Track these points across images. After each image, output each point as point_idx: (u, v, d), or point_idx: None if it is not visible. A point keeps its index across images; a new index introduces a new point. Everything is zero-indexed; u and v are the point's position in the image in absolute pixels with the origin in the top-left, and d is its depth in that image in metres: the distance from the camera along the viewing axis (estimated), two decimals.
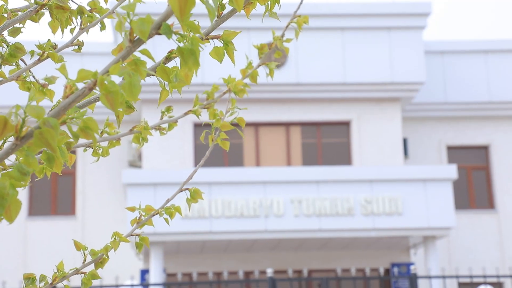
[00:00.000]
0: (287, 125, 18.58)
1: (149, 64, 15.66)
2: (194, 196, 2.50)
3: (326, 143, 18.60)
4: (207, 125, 17.95)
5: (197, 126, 18.23)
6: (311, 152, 18.50)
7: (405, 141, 19.18)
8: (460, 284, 18.58)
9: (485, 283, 11.74)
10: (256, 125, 18.45)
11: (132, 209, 2.31)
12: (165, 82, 1.48)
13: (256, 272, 11.83)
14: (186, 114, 2.80)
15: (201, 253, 17.52)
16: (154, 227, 14.66)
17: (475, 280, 17.72)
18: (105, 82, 1.17)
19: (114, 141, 2.38)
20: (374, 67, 18.16)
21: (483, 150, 20.13)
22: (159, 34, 1.26)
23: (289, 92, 18.22)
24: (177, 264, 17.46)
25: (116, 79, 1.31)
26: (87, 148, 2.37)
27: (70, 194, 19.16)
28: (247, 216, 15.54)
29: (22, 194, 18.83)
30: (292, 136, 18.55)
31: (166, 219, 2.29)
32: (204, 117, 16.71)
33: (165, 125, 2.58)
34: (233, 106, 2.80)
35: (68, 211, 19.05)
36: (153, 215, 2.25)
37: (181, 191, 2.52)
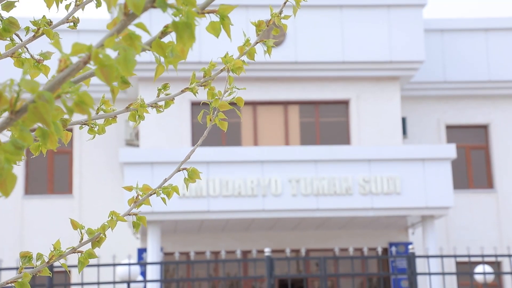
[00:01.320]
0: (285, 104, 18.48)
1: (145, 39, 15.45)
2: (192, 176, 2.44)
3: (325, 122, 18.51)
4: (205, 104, 17.81)
5: (195, 105, 18.12)
6: (309, 131, 18.41)
7: (404, 120, 19.10)
8: (458, 264, 18.58)
9: (483, 263, 11.70)
10: (254, 104, 18.34)
11: (129, 189, 2.30)
12: (161, 57, 1.43)
13: (254, 251, 11.79)
14: (182, 91, 2.73)
15: (198, 232, 17.48)
16: (152, 207, 14.61)
17: (473, 259, 17.72)
18: (100, 55, 1.16)
19: (110, 118, 2.36)
20: (373, 46, 18.02)
21: (482, 129, 20.05)
22: (155, 7, 1.24)
23: (288, 71, 18.10)
24: (175, 243, 17.42)
25: (111, 53, 1.25)
26: (83, 126, 2.35)
27: (67, 173, 19.08)
28: (245, 196, 15.49)
29: (19, 173, 18.74)
30: (290, 115, 18.45)
31: (163, 199, 2.27)
32: (202, 95, 16.60)
33: (162, 103, 2.53)
34: (232, 86, 2.72)
35: (65, 190, 18.98)
36: (151, 195, 2.23)
37: (179, 170, 2.45)
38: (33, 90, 1.14)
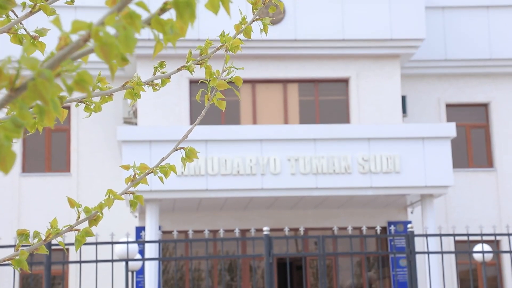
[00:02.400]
0: (285, 82, 18.38)
1: (144, 15, 15.35)
2: (189, 155, 2.39)
3: (324, 101, 18.42)
4: (203, 83, 17.70)
5: (193, 83, 18.02)
6: (309, 110, 18.33)
7: (403, 98, 19.00)
8: (456, 243, 18.57)
9: (482, 242, 11.67)
10: (252, 82, 18.24)
11: (126, 167, 2.25)
12: (160, 33, 1.38)
13: (252, 230, 11.75)
14: (179, 69, 2.67)
15: (197, 211, 17.45)
16: (149, 186, 14.57)
17: (472, 238, 17.71)
18: (100, 33, 1.17)
19: (106, 96, 2.36)
20: (374, 23, 17.89)
21: (483, 108, 19.97)
22: None
23: (287, 49, 17.98)
24: (173, 221, 17.39)
25: (110, 30, 1.20)
26: (79, 103, 2.35)
27: (65, 151, 19.01)
28: (244, 174, 15.43)
29: (16, 150, 18.66)
30: (289, 93, 18.36)
31: (160, 178, 2.28)
32: (201, 73, 16.50)
33: (158, 81, 2.50)
34: (230, 66, 2.67)
35: (62, 168, 18.91)
36: (148, 174, 2.22)
37: (176, 149, 2.41)
38: (33, 68, 1.14)
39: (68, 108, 17.84)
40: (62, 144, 19.06)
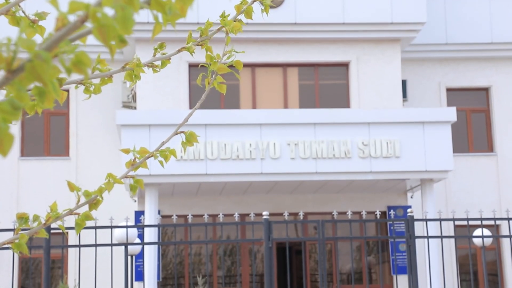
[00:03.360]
0: (284, 66, 18.31)
1: None
2: (190, 139, 2.36)
3: (324, 85, 18.36)
4: (203, 66, 17.68)
5: (193, 67, 17.94)
6: (309, 94, 18.27)
7: (404, 83, 18.94)
8: (456, 227, 18.57)
9: (481, 226, 11.65)
10: (252, 66, 18.17)
11: (126, 151, 2.23)
12: (159, 14, 1.35)
13: (252, 215, 11.72)
14: (179, 51, 2.63)
15: (196, 195, 17.42)
16: (149, 170, 14.54)
17: (472, 223, 17.70)
18: (98, 14, 1.16)
19: (105, 78, 2.35)
20: (374, 7, 17.79)
21: (484, 92, 19.91)
22: None
23: (287, 32, 17.89)
24: (172, 206, 17.38)
25: (108, 11, 1.16)
26: (79, 86, 2.32)
27: (63, 135, 18.96)
28: (243, 159, 15.40)
29: (14, 134, 18.60)
30: (289, 77, 18.29)
31: (161, 162, 2.27)
32: (200, 56, 16.41)
33: (158, 63, 2.46)
34: (231, 50, 2.63)
35: (61, 152, 18.87)
36: (148, 158, 2.22)
37: (176, 134, 2.39)
38: (30, 49, 1.13)
39: (67, 91, 17.77)
40: (61, 128, 19.01)
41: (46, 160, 18.67)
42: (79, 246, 10.47)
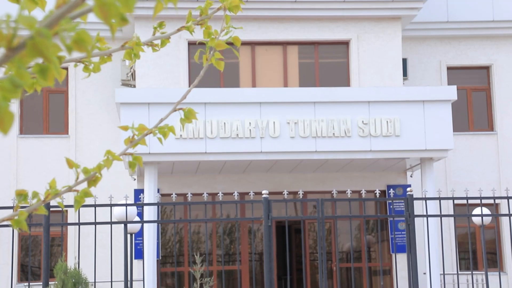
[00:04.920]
0: (284, 44, 18.22)
1: None
2: (188, 116, 2.35)
3: (324, 63, 18.29)
4: (202, 44, 17.54)
5: (192, 45, 17.86)
6: (308, 73, 18.20)
7: (404, 61, 18.86)
8: (456, 206, 18.58)
9: (481, 205, 11.65)
10: (252, 44, 18.09)
11: (125, 128, 2.21)
12: None
13: (251, 194, 11.72)
14: (178, 30, 2.60)
15: (195, 173, 17.41)
16: (148, 147, 14.51)
17: (471, 202, 17.71)
18: None
19: (105, 56, 2.32)
20: None
21: (484, 70, 19.85)
22: None
23: (287, 10, 17.79)
24: (172, 184, 17.37)
25: None
26: (78, 64, 2.32)
27: (62, 113, 18.92)
28: (243, 137, 15.37)
29: (13, 112, 18.54)
30: (289, 56, 18.21)
31: (159, 139, 2.26)
32: (200, 35, 16.34)
33: (158, 42, 2.44)
34: (228, 25, 2.59)
35: (60, 130, 18.85)
36: (146, 135, 2.21)
37: (175, 110, 2.36)
38: (31, 26, 1.12)
39: (66, 69, 17.70)
40: (59, 106, 18.97)
41: (45, 138, 18.65)
42: (79, 224, 10.48)
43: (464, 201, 17.99)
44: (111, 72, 18.55)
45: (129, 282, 10.84)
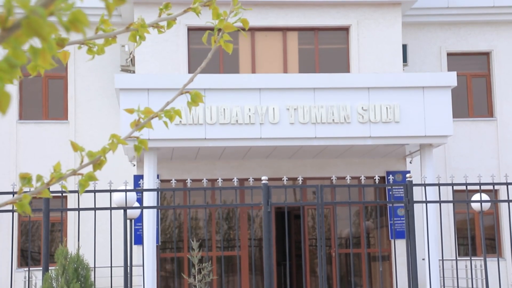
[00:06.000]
0: (284, 30, 18.17)
1: None
2: (195, 99, 2.35)
3: (324, 49, 18.24)
4: (203, 30, 17.56)
5: (192, 30, 17.81)
6: (308, 59, 18.17)
7: (404, 47, 18.82)
8: (455, 192, 18.60)
9: (480, 191, 11.66)
10: (252, 30, 18.04)
11: (130, 111, 2.21)
12: None
13: (251, 180, 11.71)
14: (185, 11, 2.58)
15: (195, 159, 17.42)
16: (148, 132, 14.49)
17: (470, 188, 17.73)
18: None
19: (109, 38, 2.30)
20: None
21: (484, 57, 19.81)
22: None
23: None
24: (171, 170, 17.37)
25: None
26: (82, 46, 2.27)
27: (62, 99, 18.90)
28: (242, 123, 15.36)
29: (12, 97, 18.53)
30: (289, 41, 18.16)
31: (165, 123, 2.26)
32: (199, 21, 16.29)
33: (164, 23, 2.42)
34: (238, 6, 2.59)
35: (60, 116, 18.83)
36: (152, 118, 2.20)
37: (182, 93, 2.37)
38: (25, 6, 1.11)
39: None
40: (59, 91, 18.94)
41: (44, 123, 18.64)
42: (78, 209, 10.49)
43: (463, 187, 18.02)
44: (110, 58, 18.51)
45: (128, 268, 10.87)
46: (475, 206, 13.11)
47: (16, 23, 1.12)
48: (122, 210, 11.06)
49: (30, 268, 11.61)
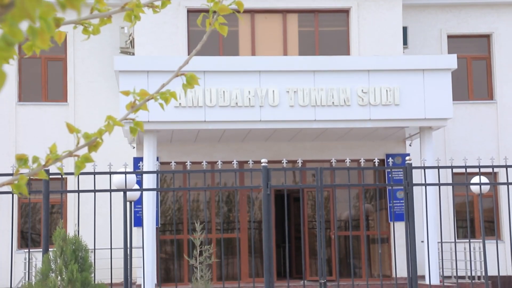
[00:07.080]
0: (284, 12, 18.10)
1: None
2: (190, 81, 2.33)
3: (324, 32, 18.19)
4: (201, 12, 17.47)
5: (191, 12, 17.75)
6: (308, 41, 18.11)
7: (404, 30, 18.75)
8: (454, 175, 18.61)
9: (479, 174, 11.67)
10: (251, 12, 17.97)
11: (126, 93, 2.20)
12: None
13: (250, 162, 11.72)
14: None
15: (195, 142, 17.41)
16: (149, 112, 14.48)
17: (470, 170, 17.74)
18: None
19: (105, 18, 2.29)
20: None
21: (485, 39, 19.76)
22: None
23: None
24: (171, 152, 17.38)
25: None
26: (77, 26, 2.27)
27: (61, 81, 18.87)
28: (242, 106, 15.34)
29: (11, 79, 18.51)
30: (289, 24, 18.10)
31: (161, 105, 2.25)
32: (199, 2, 16.24)
33: (159, 3, 2.40)
34: None
35: (59, 97, 18.81)
36: (148, 100, 2.19)
37: (177, 76, 2.35)
38: None
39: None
40: (58, 73, 18.91)
41: (44, 105, 18.62)
42: (78, 191, 10.50)
43: (463, 170, 18.01)
44: (110, 40, 18.46)
45: (128, 249, 10.90)
46: (475, 188, 13.12)
47: (12, 1, 1.11)
48: (122, 192, 11.08)
49: (30, 250, 11.64)
